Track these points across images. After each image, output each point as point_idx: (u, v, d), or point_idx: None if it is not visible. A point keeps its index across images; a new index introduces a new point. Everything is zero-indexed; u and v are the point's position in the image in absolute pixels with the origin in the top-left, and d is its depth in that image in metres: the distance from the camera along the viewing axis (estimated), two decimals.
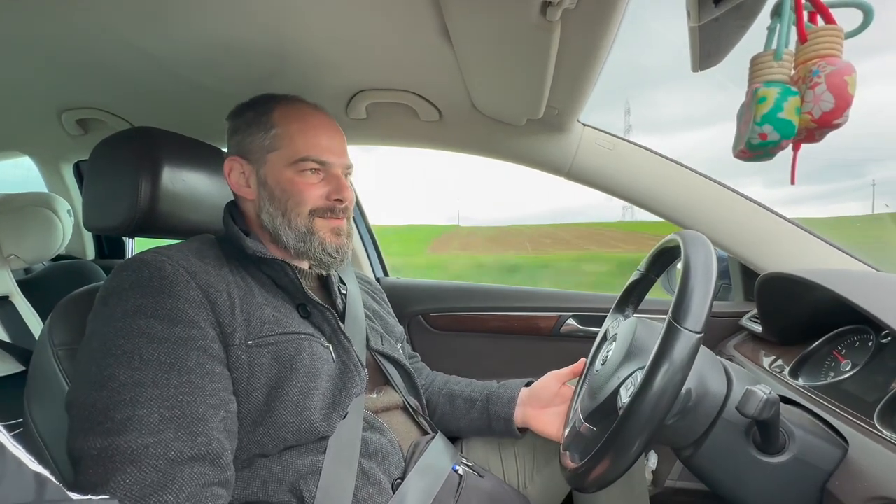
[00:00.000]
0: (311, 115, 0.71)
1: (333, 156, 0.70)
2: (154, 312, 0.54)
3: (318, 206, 0.69)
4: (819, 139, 0.50)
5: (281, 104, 0.71)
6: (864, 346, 0.69)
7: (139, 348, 0.52)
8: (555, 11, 0.53)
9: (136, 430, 0.48)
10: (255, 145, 0.70)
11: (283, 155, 0.68)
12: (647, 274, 0.76)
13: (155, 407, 0.50)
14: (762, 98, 0.48)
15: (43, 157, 1.50)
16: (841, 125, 0.47)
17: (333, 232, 0.70)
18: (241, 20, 0.68)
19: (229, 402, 0.56)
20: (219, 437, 0.52)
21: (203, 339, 0.55)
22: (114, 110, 1.08)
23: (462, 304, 1.29)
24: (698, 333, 0.48)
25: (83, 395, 0.51)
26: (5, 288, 1.26)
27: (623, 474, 0.51)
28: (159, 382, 0.51)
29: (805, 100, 0.47)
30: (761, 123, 0.48)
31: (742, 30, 0.49)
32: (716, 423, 0.56)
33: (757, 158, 0.52)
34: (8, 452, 0.27)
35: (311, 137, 0.69)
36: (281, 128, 0.69)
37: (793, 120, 0.48)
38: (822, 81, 0.46)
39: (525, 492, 0.82)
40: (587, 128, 0.98)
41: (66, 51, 0.80)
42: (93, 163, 0.78)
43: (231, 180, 0.72)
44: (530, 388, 0.82)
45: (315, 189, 0.69)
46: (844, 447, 0.54)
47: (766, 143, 0.49)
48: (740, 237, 0.96)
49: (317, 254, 0.69)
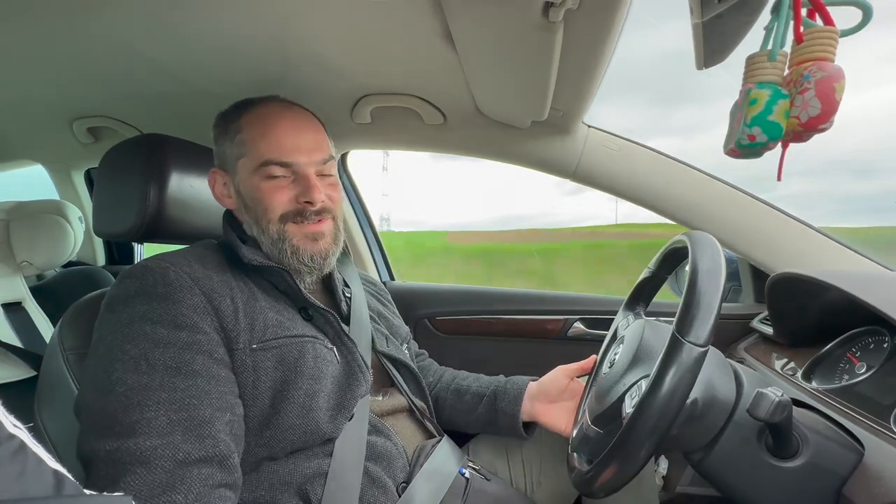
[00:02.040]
0: (275, 117, 0.68)
1: (300, 154, 0.66)
2: (159, 318, 0.55)
3: (288, 210, 0.66)
4: (806, 140, 0.52)
5: (249, 110, 0.69)
6: (879, 348, 0.67)
7: (145, 353, 0.53)
8: (557, 12, 0.53)
9: (145, 433, 0.49)
10: (227, 155, 0.69)
11: (248, 161, 0.67)
12: (657, 272, 0.75)
13: (163, 410, 0.50)
14: (753, 100, 0.50)
15: (55, 165, 1.52)
16: (826, 129, 0.50)
17: (308, 237, 0.67)
18: (248, 27, 0.69)
19: (235, 406, 0.56)
20: (225, 439, 0.53)
21: (208, 343, 0.56)
22: (124, 118, 1.09)
23: (468, 307, 1.28)
24: (702, 347, 0.47)
25: (92, 400, 0.52)
26: (18, 294, 1.28)
27: (631, 480, 0.50)
28: (167, 386, 0.51)
29: (794, 104, 0.49)
30: (751, 125, 0.50)
31: (747, 26, 0.49)
32: (727, 427, 0.55)
33: (746, 157, 0.55)
34: (29, 450, 0.29)
35: (272, 139, 0.66)
36: (245, 133, 0.67)
37: (781, 123, 0.50)
38: (812, 87, 0.47)
39: (532, 496, 0.82)
40: (592, 129, 0.98)
41: (78, 60, 0.81)
42: (102, 170, 0.80)
43: (215, 192, 0.71)
44: (538, 383, 0.81)
45: (282, 193, 0.66)
46: (860, 451, 0.53)
47: (755, 144, 0.51)
48: (750, 238, 0.95)
49: (291, 262, 0.67)
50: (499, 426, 0.81)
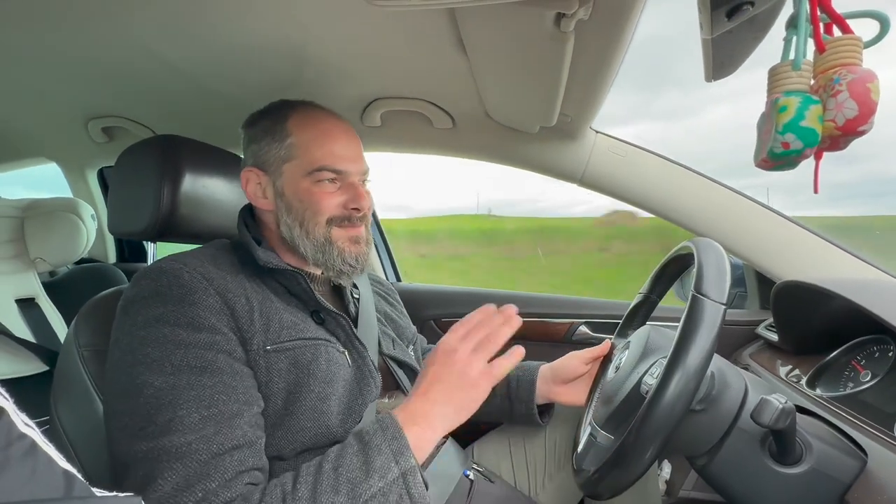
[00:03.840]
0: (326, 123, 0.71)
1: (350, 163, 0.70)
2: (176, 321, 0.56)
3: (336, 214, 0.69)
4: (844, 147, 0.49)
5: (296, 111, 0.71)
6: (884, 357, 0.67)
7: (168, 355, 0.54)
8: (569, 22, 0.54)
9: (179, 430, 0.50)
10: (270, 156, 0.70)
11: (299, 165, 0.68)
12: (649, 296, 0.76)
13: (194, 407, 0.51)
14: (783, 107, 0.47)
15: (69, 164, 1.54)
16: (866, 132, 0.46)
17: (352, 241, 0.70)
18: (261, 31, 0.70)
19: (258, 399, 0.58)
20: (253, 429, 0.54)
21: (227, 343, 0.57)
22: (138, 118, 1.11)
23: (475, 309, 1.29)
24: (723, 304, 0.49)
25: (120, 404, 0.53)
26: (31, 290, 1.30)
27: (638, 479, 0.51)
28: (194, 384, 0.53)
29: (827, 108, 0.46)
30: (783, 132, 0.47)
31: (756, 42, 0.49)
32: (731, 432, 0.55)
33: (779, 168, 0.52)
34: (40, 450, 0.29)
35: (326, 146, 0.69)
36: (296, 137, 0.69)
37: (816, 128, 0.47)
38: (844, 89, 0.45)
39: (536, 498, 0.82)
40: (600, 135, 0.99)
41: (96, 62, 0.83)
42: (118, 170, 0.81)
43: (248, 192, 0.72)
44: (550, 367, 0.82)
45: (332, 198, 0.69)
46: (863, 459, 0.53)
47: (790, 152, 0.48)
48: (756, 244, 0.95)
49: (336, 264, 0.69)
50: (515, 415, 0.82)
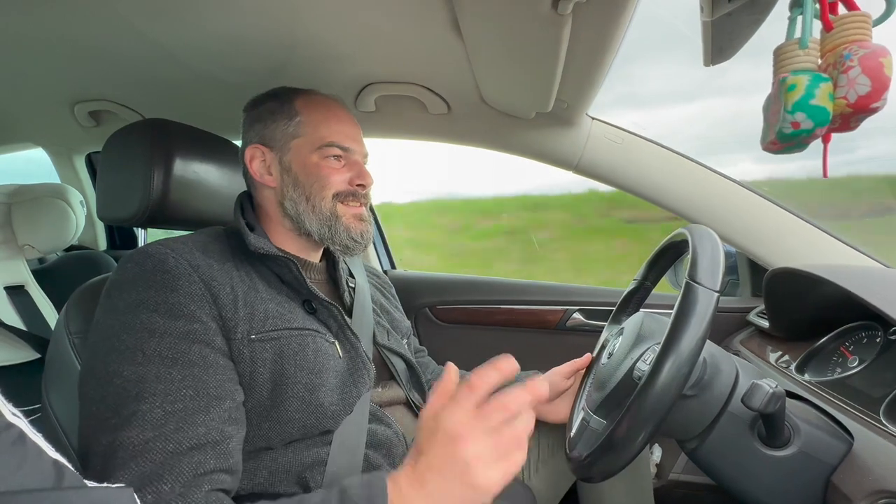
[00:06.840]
0: (331, 106, 0.75)
1: (354, 143, 0.73)
2: (156, 307, 0.55)
3: (341, 190, 0.71)
4: (854, 126, 0.47)
5: (302, 95, 0.74)
6: (871, 343, 0.69)
7: (141, 343, 0.53)
8: (566, 5, 0.53)
9: (139, 426, 0.49)
10: (278, 133, 0.71)
11: (307, 141, 0.70)
12: (643, 283, 0.76)
13: (158, 402, 0.50)
14: (792, 86, 0.45)
15: (56, 148, 1.51)
16: (879, 109, 0.44)
17: (356, 217, 0.72)
18: (253, 12, 0.68)
19: (235, 392, 0.56)
20: (220, 426, 0.52)
21: (205, 333, 0.56)
22: (125, 102, 1.09)
23: (469, 297, 1.29)
24: (717, 292, 0.50)
25: (92, 390, 0.53)
26: (21, 277, 1.29)
27: (629, 462, 0.52)
28: (162, 377, 0.51)
29: (838, 84, 0.44)
30: (793, 111, 0.45)
31: (755, 25, 0.49)
32: (721, 416, 0.56)
33: (789, 150, 0.49)
34: (28, 440, 0.28)
35: (334, 125, 0.72)
36: (305, 115, 0.71)
37: (826, 106, 0.44)
38: (856, 65, 0.42)
39: (529, 483, 0.83)
40: (596, 121, 0.98)
41: (80, 43, 0.81)
42: (106, 154, 0.80)
43: (253, 168, 0.72)
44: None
45: (339, 174, 0.71)
46: (850, 441, 0.55)
47: (800, 132, 0.46)
48: (748, 232, 0.96)
49: (342, 238, 0.71)
50: None
